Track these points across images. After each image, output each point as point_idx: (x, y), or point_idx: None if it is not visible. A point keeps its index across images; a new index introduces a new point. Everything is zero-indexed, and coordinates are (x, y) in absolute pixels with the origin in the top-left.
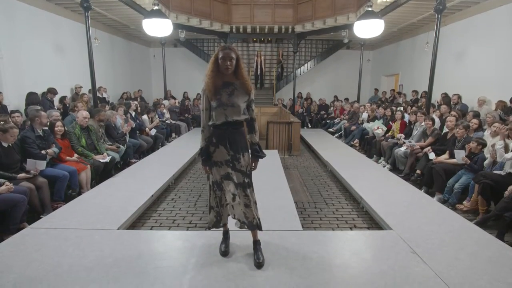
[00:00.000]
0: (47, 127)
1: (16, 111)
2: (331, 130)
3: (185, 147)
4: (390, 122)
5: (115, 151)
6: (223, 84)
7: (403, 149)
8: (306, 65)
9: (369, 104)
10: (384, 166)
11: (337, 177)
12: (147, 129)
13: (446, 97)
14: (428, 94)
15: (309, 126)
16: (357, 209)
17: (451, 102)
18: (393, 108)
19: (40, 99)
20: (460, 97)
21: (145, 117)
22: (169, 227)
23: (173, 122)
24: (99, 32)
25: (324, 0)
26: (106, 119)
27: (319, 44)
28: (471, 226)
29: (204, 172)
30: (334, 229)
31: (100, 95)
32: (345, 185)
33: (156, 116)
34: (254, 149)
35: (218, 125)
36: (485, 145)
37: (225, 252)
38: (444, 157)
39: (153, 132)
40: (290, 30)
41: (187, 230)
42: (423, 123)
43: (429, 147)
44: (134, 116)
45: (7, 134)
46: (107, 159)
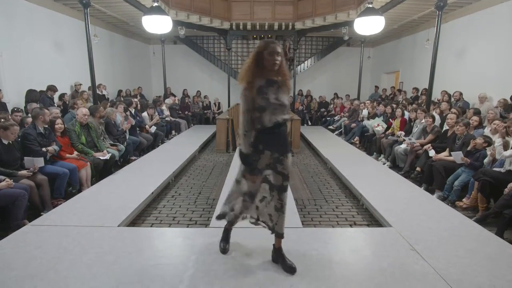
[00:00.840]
0: (47, 124)
1: (18, 109)
2: (331, 127)
3: (185, 144)
4: (390, 120)
5: (115, 150)
6: (266, 82)
7: (403, 146)
8: (306, 62)
9: (369, 102)
10: (384, 164)
11: (337, 175)
12: (147, 126)
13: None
14: (429, 91)
15: (309, 124)
16: (357, 206)
17: (451, 100)
18: (393, 106)
19: (40, 96)
20: (461, 94)
21: (145, 114)
22: (169, 224)
23: (173, 119)
24: (99, 29)
25: None
26: (106, 116)
27: (319, 41)
28: (470, 223)
29: (251, 182)
30: (334, 226)
31: (99, 93)
32: (345, 183)
33: (156, 114)
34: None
35: (268, 127)
36: (490, 143)
37: (225, 249)
38: (444, 155)
39: (153, 129)
40: (290, 27)
41: (187, 227)
42: (423, 121)
43: (429, 145)
44: (134, 113)
45: (8, 131)
46: (107, 156)
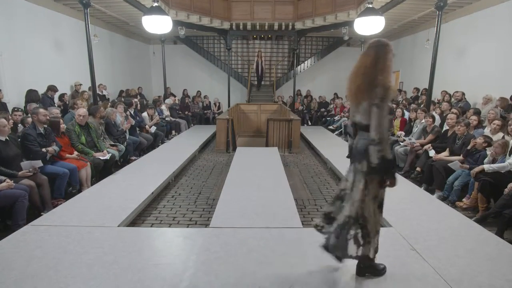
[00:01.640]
0: (47, 124)
1: (18, 109)
2: (331, 127)
3: (185, 144)
4: None
5: (115, 150)
6: None
7: (402, 144)
8: (306, 62)
9: None
10: None
11: (337, 175)
12: (147, 126)
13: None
14: (429, 91)
15: (309, 124)
16: None
17: (451, 100)
18: (393, 106)
19: (40, 96)
20: (464, 94)
21: (145, 114)
22: (169, 224)
23: (173, 119)
24: (99, 29)
25: None
26: (106, 116)
27: (319, 41)
28: (470, 223)
29: (389, 186)
30: None
31: (100, 93)
32: None
33: (156, 114)
34: None
35: None
36: (490, 143)
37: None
38: (444, 155)
39: (153, 129)
40: (290, 27)
41: (187, 227)
42: (423, 121)
43: (429, 145)
44: (134, 114)
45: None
46: (107, 156)
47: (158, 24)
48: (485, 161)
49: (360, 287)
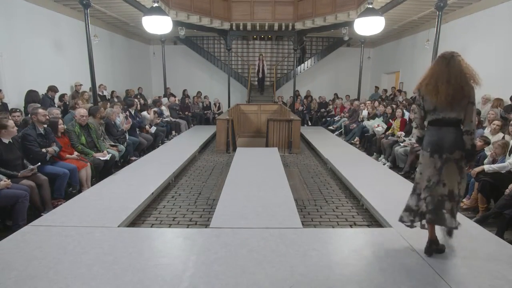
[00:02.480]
0: (46, 125)
1: (16, 109)
2: (331, 128)
3: (185, 144)
4: (390, 120)
5: (115, 150)
6: None
7: (403, 145)
8: (306, 62)
9: (369, 102)
10: (384, 164)
11: (337, 175)
12: (147, 126)
13: None
14: None
15: (309, 124)
16: (357, 206)
17: None
18: (393, 106)
19: (40, 97)
20: None
21: (145, 113)
22: (169, 224)
23: (173, 120)
24: (99, 30)
25: None
26: (106, 116)
27: (319, 42)
28: (471, 224)
29: (470, 167)
30: (334, 227)
31: (100, 93)
32: (345, 183)
33: (156, 115)
34: None
35: None
36: (488, 143)
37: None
38: None
39: (153, 129)
40: (291, 27)
41: (187, 227)
42: None
43: None
44: (134, 114)
45: (8, 127)
46: (107, 156)
47: (158, 25)
48: (485, 161)
49: (359, 286)
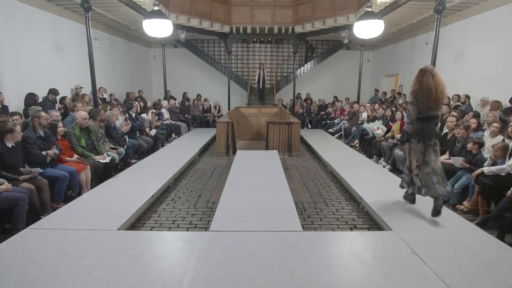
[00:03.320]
0: (47, 127)
1: (16, 113)
2: (331, 130)
3: (185, 147)
4: (390, 123)
5: (115, 153)
6: None
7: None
8: (306, 65)
9: (369, 104)
10: (384, 167)
11: (337, 178)
12: (147, 129)
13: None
14: None
15: (309, 127)
16: (357, 209)
17: (450, 103)
18: (393, 109)
19: (40, 99)
20: (468, 96)
21: (144, 116)
22: (169, 227)
23: (173, 122)
24: (100, 33)
25: (323, 0)
26: (106, 119)
27: (319, 45)
28: (471, 227)
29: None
30: (334, 230)
31: (100, 96)
32: (345, 186)
33: (157, 117)
34: None
35: None
36: (482, 144)
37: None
38: (444, 158)
39: (153, 132)
40: (290, 30)
41: (187, 230)
42: None
43: None
44: (134, 117)
45: (15, 132)
46: (107, 159)
47: (158, 28)
48: (485, 164)
49: None
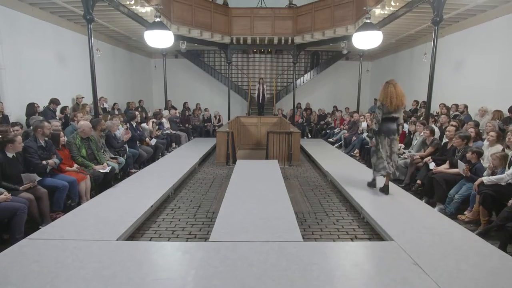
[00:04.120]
0: (49, 137)
1: (17, 123)
2: (331, 140)
3: (185, 157)
4: None
5: (115, 163)
6: None
7: (403, 157)
8: (306, 75)
9: (368, 114)
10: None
11: (337, 187)
12: (147, 139)
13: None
14: (427, 104)
15: (309, 136)
16: (358, 219)
17: (449, 112)
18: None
19: (40, 109)
20: (467, 107)
21: (144, 125)
22: (168, 238)
23: (173, 132)
24: (101, 43)
25: (323, 12)
26: (107, 129)
27: (319, 55)
28: (473, 237)
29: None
30: (335, 240)
31: (101, 105)
32: (345, 196)
33: (157, 127)
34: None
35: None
36: (481, 154)
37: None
38: (445, 167)
39: (153, 142)
40: (290, 41)
41: (187, 241)
42: (422, 133)
43: (429, 157)
44: (135, 127)
45: (16, 143)
46: (107, 169)
47: (160, 39)
48: (485, 173)
49: None
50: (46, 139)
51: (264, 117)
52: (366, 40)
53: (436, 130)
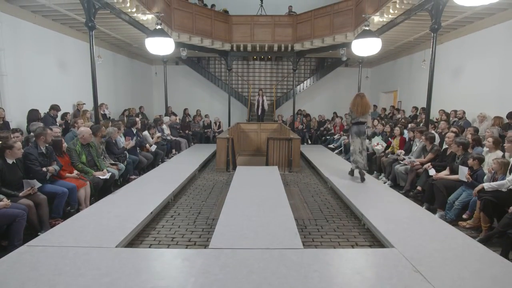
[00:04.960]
0: (50, 144)
1: (17, 129)
2: (331, 146)
3: (185, 163)
4: (389, 138)
5: (115, 169)
6: None
7: (403, 163)
8: (305, 82)
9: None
10: (385, 183)
11: (337, 194)
12: (147, 145)
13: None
14: (427, 110)
15: (309, 142)
16: (358, 226)
17: (449, 118)
18: (392, 124)
19: (42, 116)
20: (465, 112)
21: (145, 133)
22: (168, 245)
23: (173, 138)
24: (103, 50)
25: (322, 19)
26: (108, 136)
27: (318, 62)
28: (474, 244)
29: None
30: (335, 247)
31: (101, 112)
32: (346, 202)
33: (157, 132)
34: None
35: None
36: (482, 160)
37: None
38: (445, 173)
39: (153, 148)
40: (290, 48)
41: (186, 248)
42: (421, 139)
43: (429, 163)
44: (135, 133)
45: (14, 149)
46: (107, 175)
47: (160, 46)
48: (485, 179)
49: None
50: (47, 145)
51: (264, 123)
52: (365, 47)
53: (436, 136)
